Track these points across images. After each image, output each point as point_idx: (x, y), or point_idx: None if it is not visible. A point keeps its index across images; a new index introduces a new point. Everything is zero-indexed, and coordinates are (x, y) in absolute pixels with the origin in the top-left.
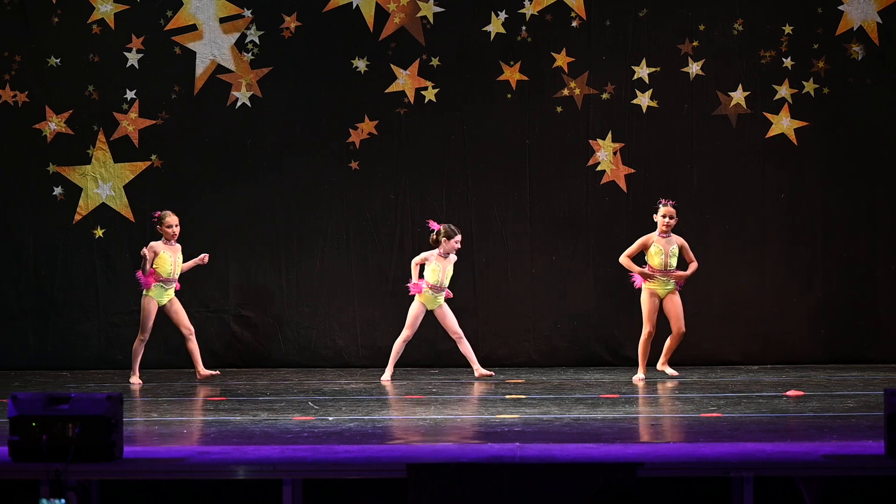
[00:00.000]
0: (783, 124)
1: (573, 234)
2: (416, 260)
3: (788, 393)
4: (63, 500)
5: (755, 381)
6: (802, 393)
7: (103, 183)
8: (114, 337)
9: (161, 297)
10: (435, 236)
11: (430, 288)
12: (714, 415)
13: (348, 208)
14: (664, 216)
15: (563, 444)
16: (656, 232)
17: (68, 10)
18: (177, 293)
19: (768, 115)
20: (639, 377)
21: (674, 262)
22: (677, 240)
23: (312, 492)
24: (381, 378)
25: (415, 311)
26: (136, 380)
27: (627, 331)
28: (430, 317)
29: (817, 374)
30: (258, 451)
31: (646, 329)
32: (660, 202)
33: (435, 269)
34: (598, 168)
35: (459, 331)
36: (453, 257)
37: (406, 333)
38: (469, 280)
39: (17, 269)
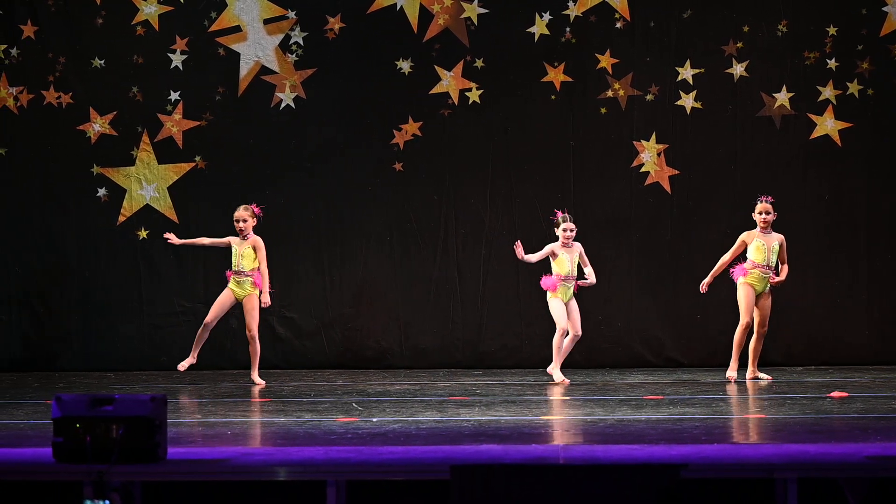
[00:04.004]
0: (827, 125)
1: (617, 236)
2: (542, 252)
3: (832, 394)
4: (106, 502)
5: (799, 383)
6: (846, 394)
7: (147, 184)
8: (157, 338)
9: (236, 288)
10: (556, 228)
11: (561, 280)
12: (758, 416)
13: (392, 209)
14: (760, 213)
15: (606, 446)
16: (756, 229)
17: (112, 11)
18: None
19: (812, 117)
20: (731, 374)
21: (775, 258)
22: (778, 237)
23: (356, 493)
24: (555, 378)
25: (556, 308)
26: (187, 361)
27: (671, 332)
28: (471, 317)
29: (861, 375)
30: (302, 452)
31: (743, 320)
32: (757, 199)
33: (561, 259)
34: (642, 169)
35: (579, 330)
36: (577, 246)
37: (560, 329)
38: (513, 281)
39: (61, 270)
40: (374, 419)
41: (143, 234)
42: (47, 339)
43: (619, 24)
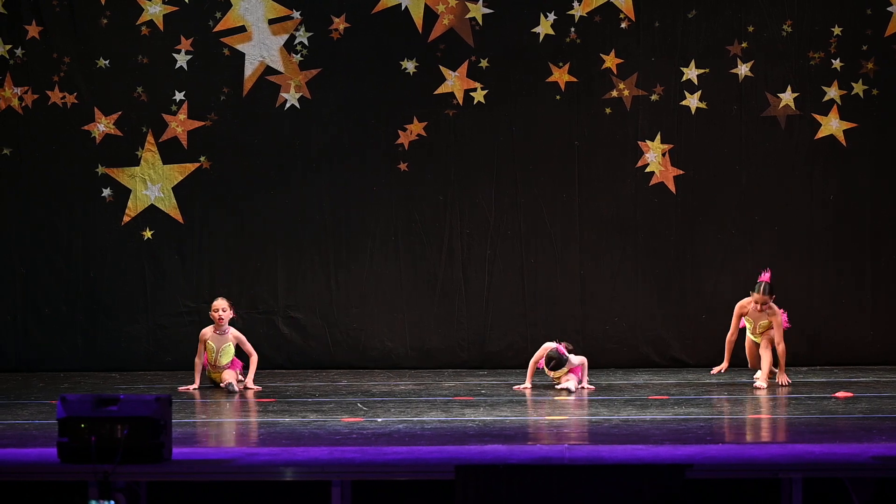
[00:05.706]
0: (832, 126)
1: (622, 236)
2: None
3: (837, 394)
4: (111, 502)
5: (804, 383)
6: (851, 394)
7: (152, 184)
8: (162, 338)
9: (215, 377)
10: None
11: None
12: (763, 416)
13: (397, 210)
14: (755, 302)
15: (611, 446)
16: (750, 303)
17: (117, 11)
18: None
19: (817, 117)
20: (782, 379)
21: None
22: (771, 316)
23: (361, 493)
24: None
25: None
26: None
27: (676, 332)
28: (476, 317)
29: (866, 375)
30: (307, 452)
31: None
32: (757, 286)
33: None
34: (647, 169)
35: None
36: (576, 362)
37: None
38: (518, 282)
39: (66, 270)
40: (379, 419)
41: (148, 234)
42: (52, 339)
43: (623, 25)
